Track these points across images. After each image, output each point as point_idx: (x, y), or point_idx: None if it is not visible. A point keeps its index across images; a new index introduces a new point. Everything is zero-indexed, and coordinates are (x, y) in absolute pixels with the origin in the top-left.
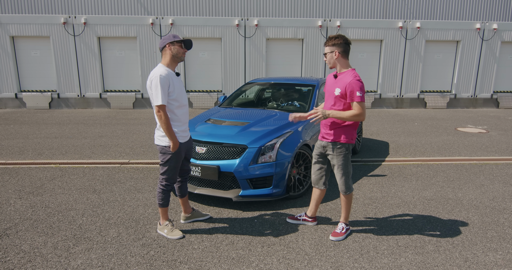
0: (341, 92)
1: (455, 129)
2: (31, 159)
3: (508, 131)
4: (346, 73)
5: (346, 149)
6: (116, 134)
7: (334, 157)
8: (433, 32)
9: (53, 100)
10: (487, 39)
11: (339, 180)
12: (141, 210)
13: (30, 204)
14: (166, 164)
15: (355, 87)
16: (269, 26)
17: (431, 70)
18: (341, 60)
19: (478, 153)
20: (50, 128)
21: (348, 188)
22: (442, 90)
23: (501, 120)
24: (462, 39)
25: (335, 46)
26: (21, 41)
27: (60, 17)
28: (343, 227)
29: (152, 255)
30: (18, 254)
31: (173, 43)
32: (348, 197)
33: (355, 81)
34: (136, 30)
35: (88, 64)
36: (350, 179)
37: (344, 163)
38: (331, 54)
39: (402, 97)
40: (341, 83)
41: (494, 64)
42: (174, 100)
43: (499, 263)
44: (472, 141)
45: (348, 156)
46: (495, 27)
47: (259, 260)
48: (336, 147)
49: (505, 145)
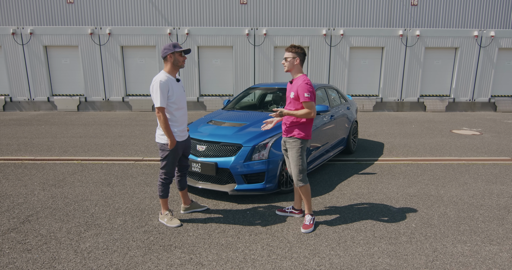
0: (294, 95)
1: (450, 131)
2: (57, 156)
3: (501, 133)
4: (298, 78)
5: (300, 143)
6: (134, 134)
7: (289, 150)
8: (432, 39)
9: (81, 103)
10: (485, 46)
11: (292, 171)
12: (148, 202)
13: (51, 195)
14: (164, 159)
15: (303, 90)
16: (277, 35)
17: (430, 75)
18: (298, 67)
19: (468, 153)
20: (76, 128)
21: (300, 180)
22: (441, 95)
23: (497, 123)
24: (460, 46)
25: (297, 53)
26: (53, 50)
27: (87, 28)
28: (310, 219)
29: (151, 240)
30: (36, 237)
31: (173, 53)
32: (302, 189)
33: (303, 84)
34: (155, 39)
35: (112, 71)
36: (304, 172)
37: (297, 156)
38: (293, 59)
39: (403, 101)
40: (294, 87)
41: (492, 69)
42: (173, 103)
43: (466, 253)
44: (465, 143)
45: (301, 150)
46: (493, 34)
47: (245, 247)
48: (292, 141)
49: (495, 146)
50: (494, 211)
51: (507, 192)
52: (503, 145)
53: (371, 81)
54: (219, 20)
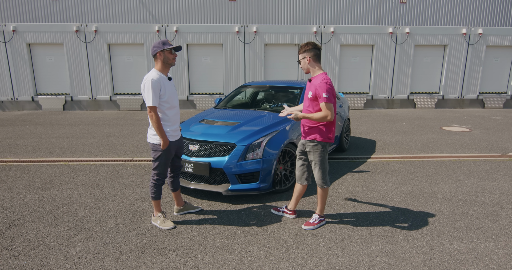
0: (312, 95)
1: (440, 128)
2: (43, 157)
3: (490, 129)
4: (317, 77)
5: (322, 146)
6: (122, 134)
7: (311, 153)
8: (421, 37)
9: (67, 103)
10: (473, 43)
11: (316, 174)
12: (139, 203)
13: (38, 198)
14: (157, 160)
15: (322, 89)
16: (267, 32)
17: (420, 72)
18: (313, 65)
19: (459, 150)
20: (62, 128)
21: (324, 182)
22: (430, 92)
23: (485, 120)
24: (449, 43)
25: (305, 52)
26: (37, 48)
27: (72, 26)
28: (316, 218)
29: (144, 243)
30: (24, 243)
31: (163, 50)
32: (324, 191)
33: (322, 83)
34: (143, 37)
35: (98, 69)
36: (327, 174)
37: (320, 160)
38: (303, 60)
39: (393, 98)
40: (312, 87)
41: (480, 66)
42: (165, 102)
43: (462, 251)
44: (455, 139)
45: (324, 153)
46: (481, 32)
47: (241, 248)
48: (313, 145)
49: (485, 142)
50: (487, 207)
51: (499, 188)
52: (492, 141)
53: (361, 79)
54: (208, 17)
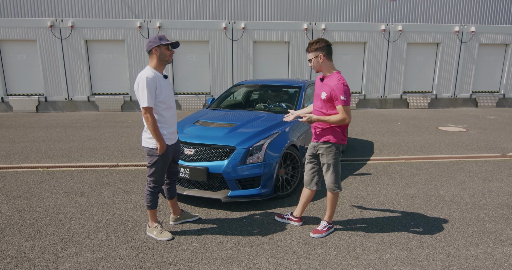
0: (327, 96)
1: (436, 128)
2: (18, 163)
3: (486, 129)
4: (331, 76)
5: (336, 148)
6: (104, 137)
7: (324, 155)
8: (414, 34)
9: (40, 104)
10: (466, 41)
11: (328, 178)
12: (130, 213)
13: (17, 209)
14: (153, 166)
15: (340, 91)
16: (256, 29)
17: (413, 71)
18: (327, 63)
19: (459, 151)
20: (37, 131)
21: (337, 186)
22: (423, 91)
23: (480, 119)
24: (442, 41)
25: (318, 50)
26: (7, 44)
27: (46, 21)
28: (325, 225)
29: (141, 257)
30: (5, 260)
31: (159, 46)
32: (335, 195)
33: (339, 85)
34: (124, 33)
35: (75, 67)
36: (339, 178)
37: (333, 162)
38: (316, 59)
39: (386, 97)
40: (327, 87)
41: (473, 65)
42: (161, 102)
43: (480, 257)
44: (453, 140)
45: (337, 155)
46: (473, 29)
47: (248, 260)
48: (326, 147)
49: (484, 143)
50: (497, 210)
51: (506, 190)
52: (490, 141)
53: (354, 78)
54: (193, 13)
